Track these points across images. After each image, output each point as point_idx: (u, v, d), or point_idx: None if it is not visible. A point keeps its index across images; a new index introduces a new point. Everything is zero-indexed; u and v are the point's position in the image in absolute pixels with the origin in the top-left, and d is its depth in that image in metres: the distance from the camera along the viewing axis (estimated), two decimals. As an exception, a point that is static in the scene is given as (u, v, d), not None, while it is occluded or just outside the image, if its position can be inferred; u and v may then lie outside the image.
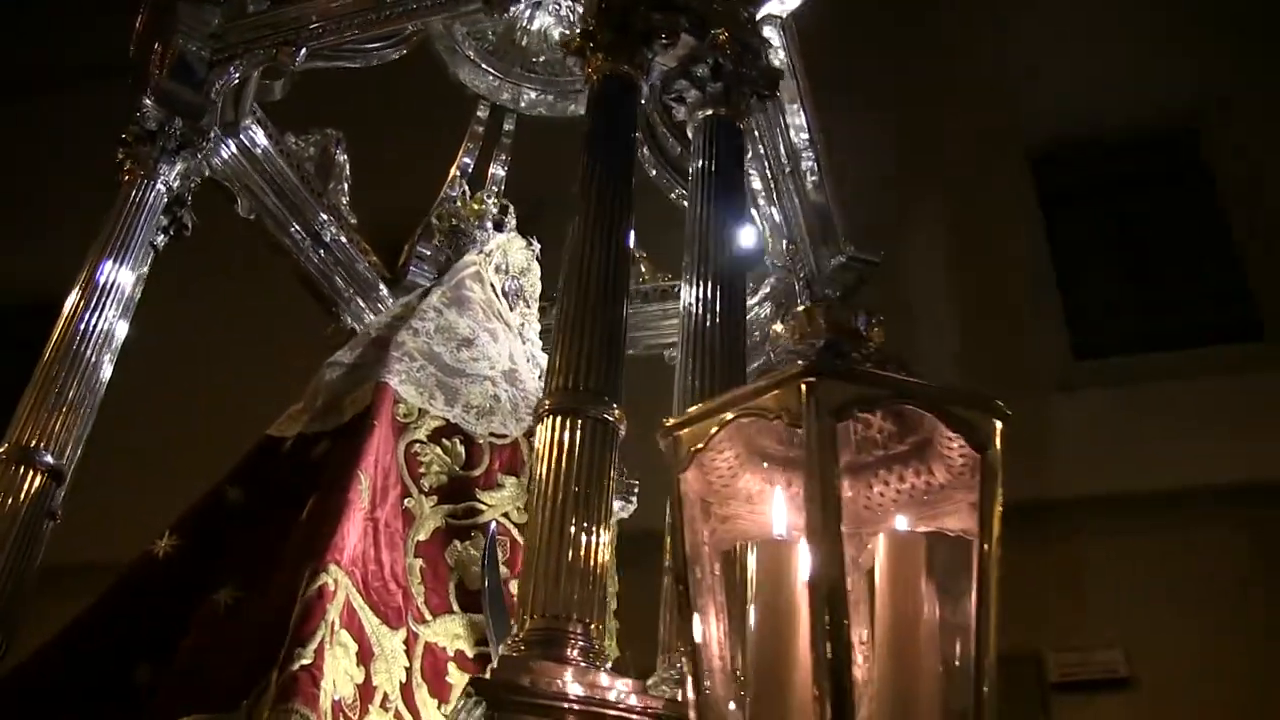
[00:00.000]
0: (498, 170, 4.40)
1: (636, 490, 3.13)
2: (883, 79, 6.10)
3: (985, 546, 1.33)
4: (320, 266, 3.95)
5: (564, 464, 2.02)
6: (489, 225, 3.65)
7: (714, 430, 1.46)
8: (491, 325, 3.24)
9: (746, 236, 2.65)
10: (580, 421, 2.06)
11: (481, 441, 2.85)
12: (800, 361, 1.38)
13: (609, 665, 1.86)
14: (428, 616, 2.56)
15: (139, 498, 4.08)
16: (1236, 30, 5.61)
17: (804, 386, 1.33)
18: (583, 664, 1.80)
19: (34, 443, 2.61)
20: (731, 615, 1.47)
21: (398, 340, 3.04)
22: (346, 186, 4.08)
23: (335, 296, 4.05)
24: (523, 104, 4.10)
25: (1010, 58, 6.16)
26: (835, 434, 1.32)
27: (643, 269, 4.33)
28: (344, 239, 3.99)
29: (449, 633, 2.55)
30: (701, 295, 2.36)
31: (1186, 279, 6.01)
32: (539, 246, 3.62)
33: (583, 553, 1.92)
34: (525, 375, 3.13)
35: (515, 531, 2.75)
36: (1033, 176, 6.22)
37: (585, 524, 1.95)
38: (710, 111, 2.67)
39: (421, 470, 2.76)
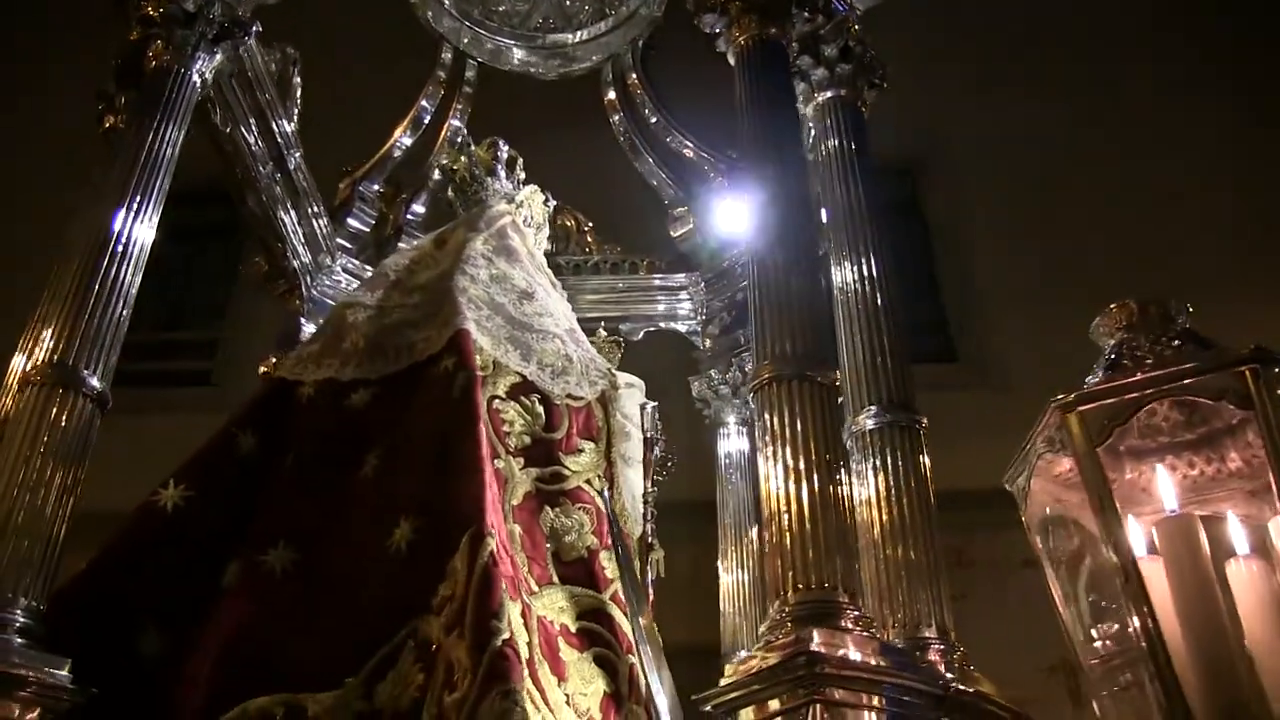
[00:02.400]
0: (454, 120, 4.17)
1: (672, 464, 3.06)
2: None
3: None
4: (276, 197, 3.55)
5: (795, 431, 1.96)
6: (501, 174, 3.43)
7: (1131, 409, 1.49)
8: (541, 279, 3.05)
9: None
10: (805, 386, 2.01)
11: (559, 403, 2.67)
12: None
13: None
14: (534, 587, 2.38)
15: None
16: (952, 74, 6.11)
17: (1249, 372, 1.41)
18: (865, 634, 1.76)
19: (75, 364, 2.16)
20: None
21: (458, 285, 2.80)
22: (296, 113, 3.69)
23: (282, 232, 3.65)
24: (514, 62, 3.91)
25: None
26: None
27: (589, 239, 4.26)
28: (304, 168, 3.62)
29: (554, 605, 2.38)
30: (864, 274, 2.37)
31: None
32: (554, 203, 3.45)
33: (832, 519, 1.88)
34: (581, 335, 2.98)
35: (599, 501, 2.61)
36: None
37: (827, 489, 1.90)
38: (832, 94, 2.68)
39: (506, 429, 2.56)
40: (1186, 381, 1.47)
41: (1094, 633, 1.62)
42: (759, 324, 2.14)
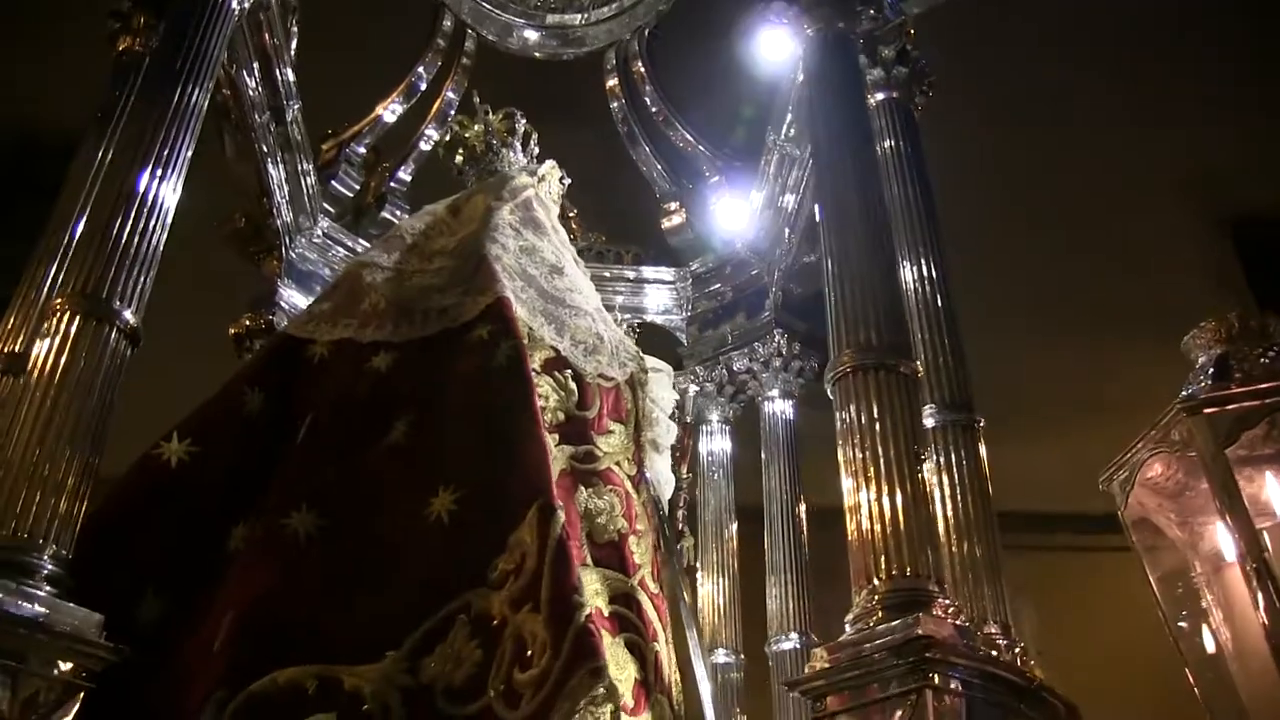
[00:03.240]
0: (450, 93, 4.06)
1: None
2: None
3: None
4: (269, 149, 3.38)
5: (880, 421, 1.94)
6: (517, 147, 3.34)
7: (1259, 415, 1.52)
8: (566, 255, 2.97)
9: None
10: (889, 376, 2.00)
11: (590, 381, 2.59)
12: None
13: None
14: None
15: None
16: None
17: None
18: (962, 623, 1.75)
19: (106, 295, 1.98)
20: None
21: (491, 253, 2.70)
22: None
23: (269, 187, 3.48)
24: (518, 39, 3.82)
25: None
26: None
27: (573, 227, 4.20)
28: (301, 122, 3.46)
29: (590, 588, 2.31)
30: (924, 274, 2.38)
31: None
32: (569, 181, 3.37)
33: (923, 509, 1.87)
34: (608, 316, 2.90)
35: (628, 484, 2.54)
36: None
37: (916, 479, 1.89)
38: (885, 96, 2.68)
39: (541, 404, 2.47)
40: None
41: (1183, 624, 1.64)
42: (838, 314, 2.11)
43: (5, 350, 2.14)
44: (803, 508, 3.42)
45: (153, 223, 2.10)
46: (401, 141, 4.04)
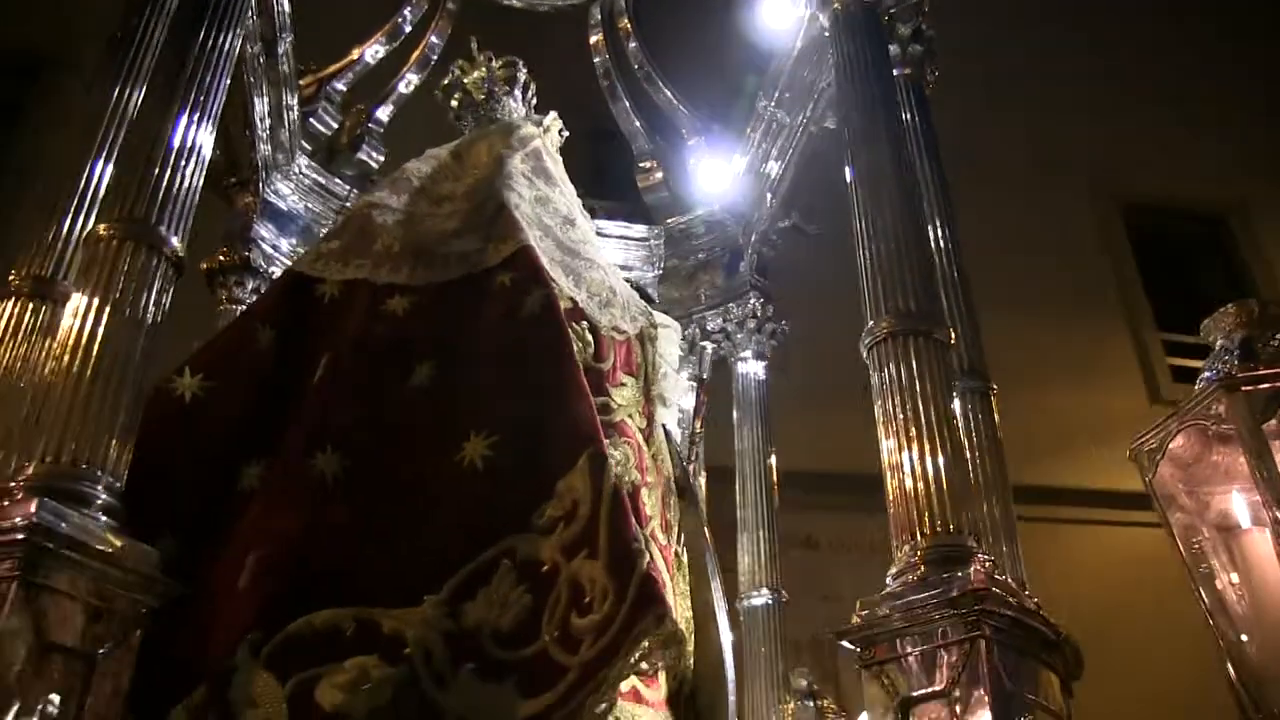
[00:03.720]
0: (433, 38, 3.99)
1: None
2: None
3: None
4: (256, 80, 3.29)
5: (917, 384, 2.03)
6: (518, 95, 3.31)
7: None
8: (576, 206, 2.97)
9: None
10: (924, 342, 2.09)
11: (605, 333, 2.61)
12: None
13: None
14: None
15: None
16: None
17: None
18: (1001, 577, 1.86)
19: (155, 222, 1.92)
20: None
21: (510, 201, 2.69)
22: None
23: (251, 120, 3.39)
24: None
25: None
26: None
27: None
28: (291, 56, 3.37)
29: None
30: (940, 245, 2.48)
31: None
32: (567, 133, 3.36)
33: (957, 468, 1.97)
34: (618, 270, 2.92)
35: (639, 437, 2.58)
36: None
37: (951, 439, 1.99)
38: (898, 72, 2.75)
39: None
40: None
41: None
42: (873, 282, 2.18)
43: (30, 273, 2.05)
44: (774, 464, 3.51)
45: (194, 167, 2.05)
46: (380, 83, 3.95)
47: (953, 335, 2.14)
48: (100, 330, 1.78)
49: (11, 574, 1.47)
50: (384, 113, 3.93)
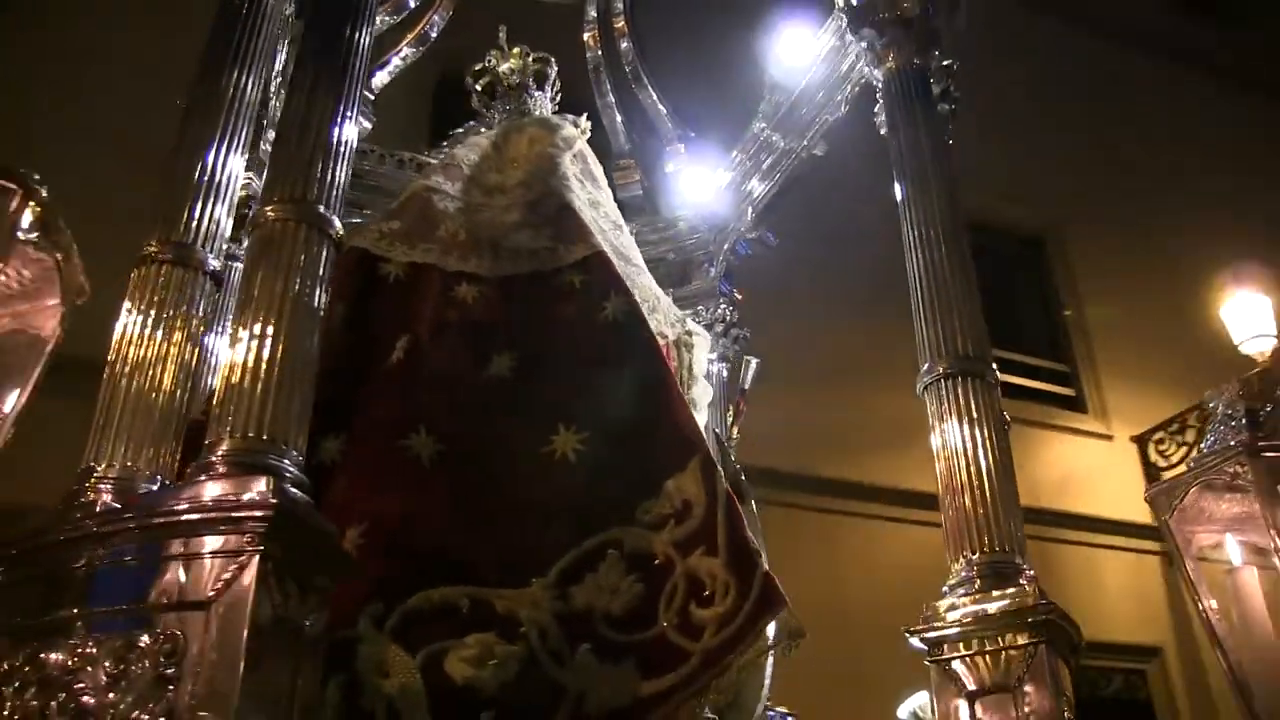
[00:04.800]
0: (436, 16, 4.02)
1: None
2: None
3: None
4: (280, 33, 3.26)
5: (971, 417, 2.35)
6: (548, 90, 3.42)
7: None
8: (616, 211, 3.11)
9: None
10: (977, 383, 2.40)
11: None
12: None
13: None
14: None
15: None
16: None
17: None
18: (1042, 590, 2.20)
19: (317, 202, 1.98)
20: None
21: (574, 202, 2.83)
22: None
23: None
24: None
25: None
26: None
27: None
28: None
29: None
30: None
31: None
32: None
33: (1010, 491, 2.29)
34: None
35: None
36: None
37: (997, 467, 2.31)
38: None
39: None
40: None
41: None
42: (930, 325, 2.48)
43: (169, 239, 2.06)
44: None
45: (348, 149, 2.12)
46: (377, 54, 3.94)
47: (998, 376, 2.46)
48: (286, 308, 1.84)
49: (253, 547, 1.55)
50: (377, 81, 3.92)
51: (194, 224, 2.11)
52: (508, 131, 3.19)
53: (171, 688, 1.50)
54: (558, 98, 3.48)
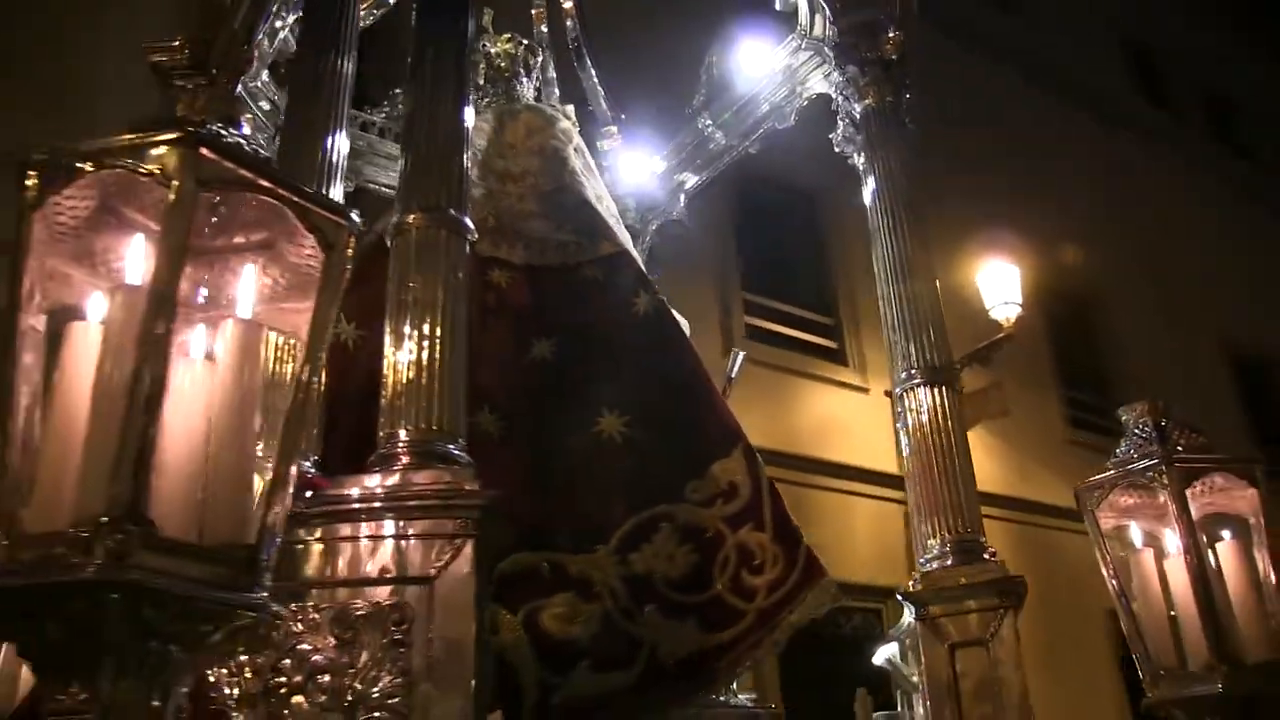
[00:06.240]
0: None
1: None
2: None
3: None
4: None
5: (934, 423, 2.83)
6: (535, 79, 3.58)
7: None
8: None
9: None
10: (940, 389, 2.88)
11: None
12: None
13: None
14: None
15: None
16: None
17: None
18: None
19: (454, 209, 2.16)
20: None
21: (590, 198, 3.06)
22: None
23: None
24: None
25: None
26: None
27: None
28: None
29: None
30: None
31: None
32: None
33: (963, 481, 2.79)
34: None
35: None
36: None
37: (964, 463, 2.81)
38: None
39: None
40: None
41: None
42: (904, 339, 2.92)
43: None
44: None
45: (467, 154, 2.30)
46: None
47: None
48: (443, 310, 2.03)
49: (467, 532, 1.79)
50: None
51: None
52: (501, 116, 3.33)
53: (402, 650, 1.72)
54: (538, 85, 3.65)
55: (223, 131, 1.40)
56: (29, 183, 1.36)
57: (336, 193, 2.26)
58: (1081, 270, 11.13)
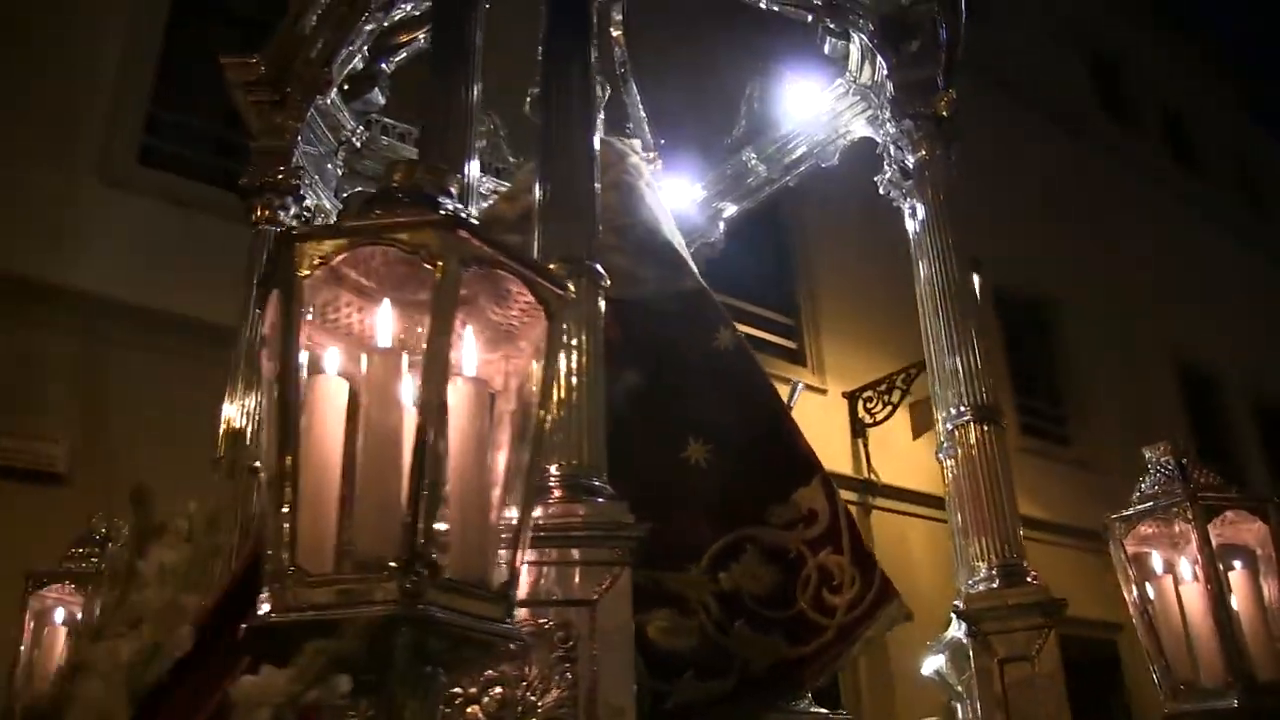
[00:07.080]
0: None
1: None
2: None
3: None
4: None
5: (982, 456, 3.09)
6: (600, 106, 3.76)
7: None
8: None
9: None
10: (991, 427, 3.15)
11: None
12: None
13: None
14: None
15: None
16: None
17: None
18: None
19: (588, 258, 2.37)
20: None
21: (670, 237, 3.27)
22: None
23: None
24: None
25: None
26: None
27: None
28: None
29: None
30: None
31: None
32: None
33: (1008, 515, 3.06)
34: None
35: None
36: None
37: (1006, 495, 3.07)
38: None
39: None
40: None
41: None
42: (955, 380, 3.17)
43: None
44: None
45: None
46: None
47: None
48: (586, 353, 2.24)
49: (623, 560, 2.01)
50: (400, 59, 4.09)
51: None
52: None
53: (568, 665, 1.93)
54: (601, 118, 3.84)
55: (459, 208, 1.61)
56: (300, 260, 1.50)
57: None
58: (1036, 279, 11.47)
